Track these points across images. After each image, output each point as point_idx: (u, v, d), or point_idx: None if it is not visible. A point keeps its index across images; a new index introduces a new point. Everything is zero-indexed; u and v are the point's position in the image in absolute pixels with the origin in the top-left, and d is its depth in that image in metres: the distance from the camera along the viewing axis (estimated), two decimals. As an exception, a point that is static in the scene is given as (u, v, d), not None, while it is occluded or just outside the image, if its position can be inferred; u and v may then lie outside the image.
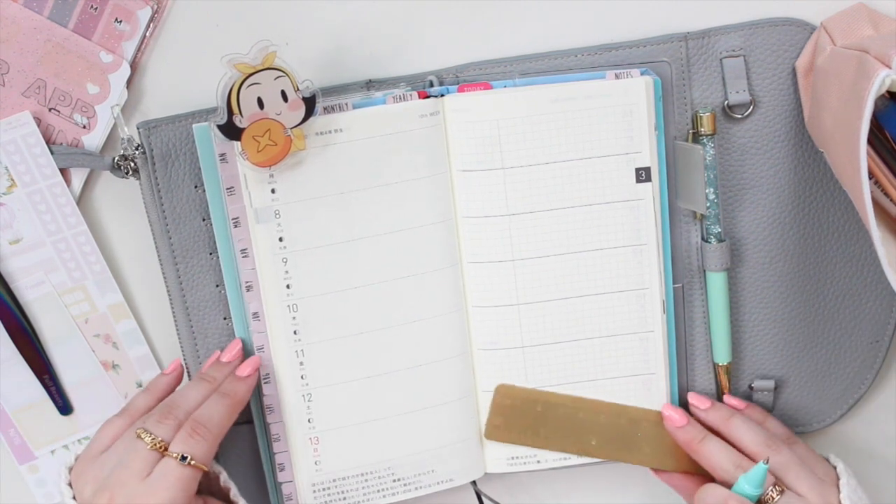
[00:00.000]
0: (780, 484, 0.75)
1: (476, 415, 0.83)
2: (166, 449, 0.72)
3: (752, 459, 0.77)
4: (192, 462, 0.71)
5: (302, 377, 0.79)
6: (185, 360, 0.82)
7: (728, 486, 0.76)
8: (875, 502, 0.90)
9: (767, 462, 0.74)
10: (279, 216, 0.76)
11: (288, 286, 0.77)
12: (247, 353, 0.79)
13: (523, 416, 0.81)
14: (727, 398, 0.83)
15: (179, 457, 0.71)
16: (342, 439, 0.80)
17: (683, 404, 0.84)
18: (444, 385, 0.81)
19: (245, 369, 0.77)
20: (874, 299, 0.83)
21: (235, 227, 0.76)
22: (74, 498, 0.72)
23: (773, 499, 0.74)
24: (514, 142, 0.77)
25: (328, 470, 0.81)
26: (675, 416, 0.81)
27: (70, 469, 0.75)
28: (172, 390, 0.78)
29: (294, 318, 0.78)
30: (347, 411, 0.80)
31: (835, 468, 0.79)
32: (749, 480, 0.74)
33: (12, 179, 0.78)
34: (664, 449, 0.82)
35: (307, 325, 0.78)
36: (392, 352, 0.79)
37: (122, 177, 0.78)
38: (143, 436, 0.72)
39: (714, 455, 0.78)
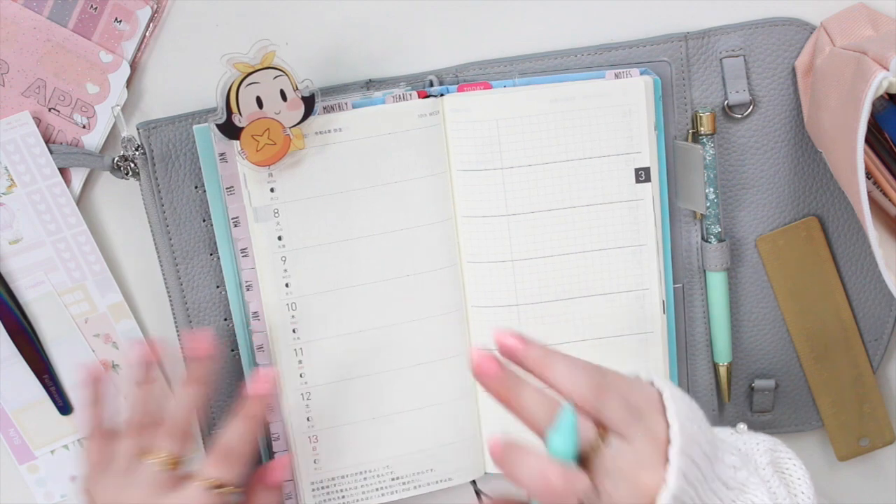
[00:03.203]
0: (603, 431, 0.62)
1: (475, 414, 0.83)
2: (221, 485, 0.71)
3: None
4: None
5: (301, 376, 0.79)
6: (185, 360, 0.82)
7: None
8: (875, 502, 0.90)
9: (571, 404, 0.61)
10: (278, 215, 0.76)
11: (287, 284, 0.77)
12: (248, 352, 0.79)
13: None
14: (498, 337, 0.65)
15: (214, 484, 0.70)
16: (341, 438, 0.80)
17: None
18: (444, 384, 0.81)
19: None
20: (873, 299, 0.83)
21: (235, 226, 0.76)
22: None
23: (597, 451, 0.62)
24: (514, 142, 0.77)
25: (327, 468, 0.81)
26: (488, 364, 0.64)
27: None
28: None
29: (293, 316, 0.78)
30: (346, 410, 0.80)
31: (660, 394, 0.65)
32: (556, 432, 0.61)
33: (12, 179, 0.78)
34: None
35: (306, 323, 0.78)
36: (391, 351, 0.79)
37: (122, 177, 0.78)
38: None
39: (531, 406, 0.63)
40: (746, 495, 0.63)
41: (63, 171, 0.79)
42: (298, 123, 0.74)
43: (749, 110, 0.80)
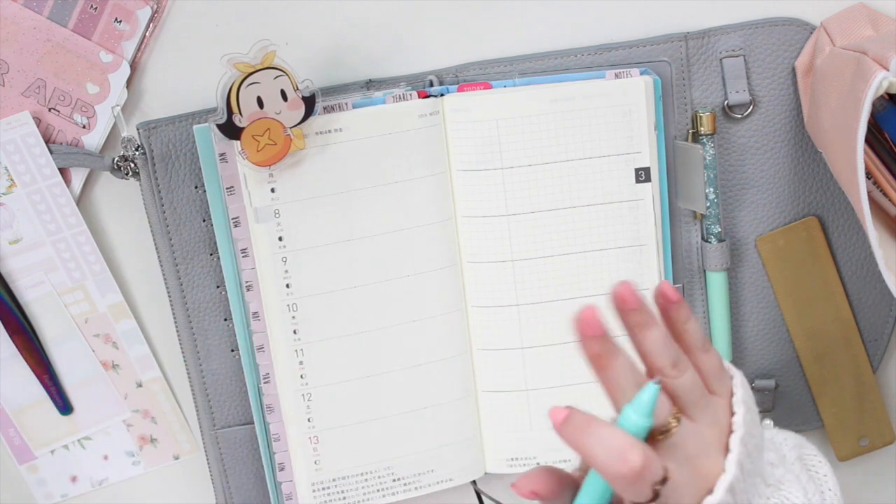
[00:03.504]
0: (680, 412, 0.61)
1: (476, 415, 0.83)
2: None
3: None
4: None
5: (301, 377, 0.79)
6: (185, 360, 0.82)
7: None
8: (876, 502, 0.90)
9: (659, 383, 0.58)
10: (279, 216, 0.76)
11: (287, 285, 0.77)
12: (249, 353, 0.79)
13: None
14: (664, 285, 0.63)
15: None
16: (342, 439, 0.80)
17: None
18: (444, 385, 0.81)
19: None
20: (873, 299, 0.83)
21: (235, 226, 0.76)
22: None
23: (668, 432, 0.59)
24: (514, 142, 0.77)
25: (328, 469, 0.81)
26: (594, 322, 0.59)
27: None
28: None
29: (294, 317, 0.78)
30: (347, 411, 0.80)
31: (731, 379, 0.64)
32: (635, 408, 0.59)
33: (12, 179, 0.78)
34: None
35: (307, 324, 0.78)
36: (391, 351, 0.79)
37: (122, 178, 0.78)
38: None
39: (619, 376, 0.60)
40: (782, 492, 0.63)
41: (63, 171, 0.79)
42: (299, 123, 0.74)
43: (749, 110, 0.80)
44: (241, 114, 0.72)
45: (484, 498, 0.84)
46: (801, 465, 0.66)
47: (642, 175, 0.78)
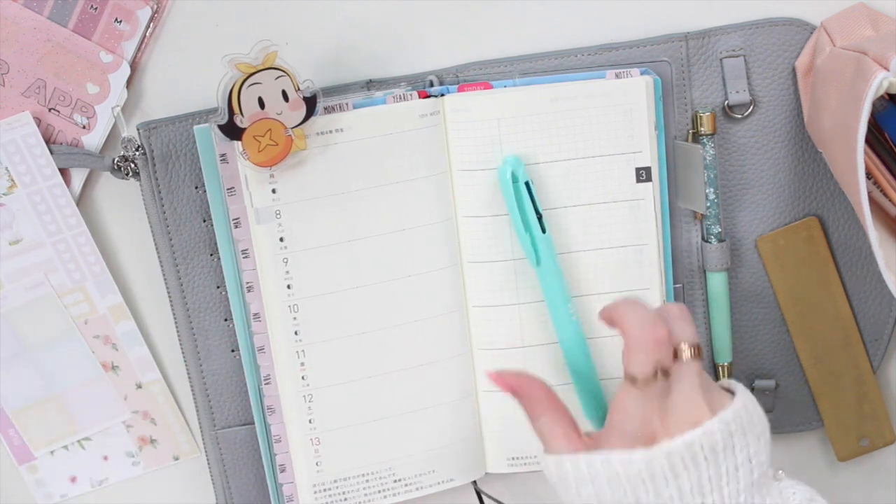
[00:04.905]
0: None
1: (476, 415, 0.83)
2: None
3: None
4: None
5: (303, 378, 0.79)
6: (185, 360, 0.82)
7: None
8: (875, 502, 0.90)
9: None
10: (280, 216, 0.76)
11: (289, 286, 0.77)
12: (249, 354, 0.79)
13: None
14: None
15: None
16: (343, 440, 0.80)
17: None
18: (445, 385, 0.81)
19: None
20: (873, 299, 0.83)
21: (236, 227, 0.76)
22: None
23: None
24: (514, 141, 0.77)
25: (329, 470, 0.81)
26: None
27: None
28: None
29: (295, 318, 0.78)
30: (348, 412, 0.80)
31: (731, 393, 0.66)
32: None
33: (12, 180, 0.78)
34: None
35: (308, 325, 0.78)
36: (393, 352, 0.79)
37: (123, 178, 0.78)
38: None
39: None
40: None
41: (63, 172, 0.79)
42: (300, 124, 0.74)
43: (749, 110, 0.80)
44: (242, 114, 0.72)
45: (484, 498, 0.84)
46: None
47: (643, 175, 0.78)
